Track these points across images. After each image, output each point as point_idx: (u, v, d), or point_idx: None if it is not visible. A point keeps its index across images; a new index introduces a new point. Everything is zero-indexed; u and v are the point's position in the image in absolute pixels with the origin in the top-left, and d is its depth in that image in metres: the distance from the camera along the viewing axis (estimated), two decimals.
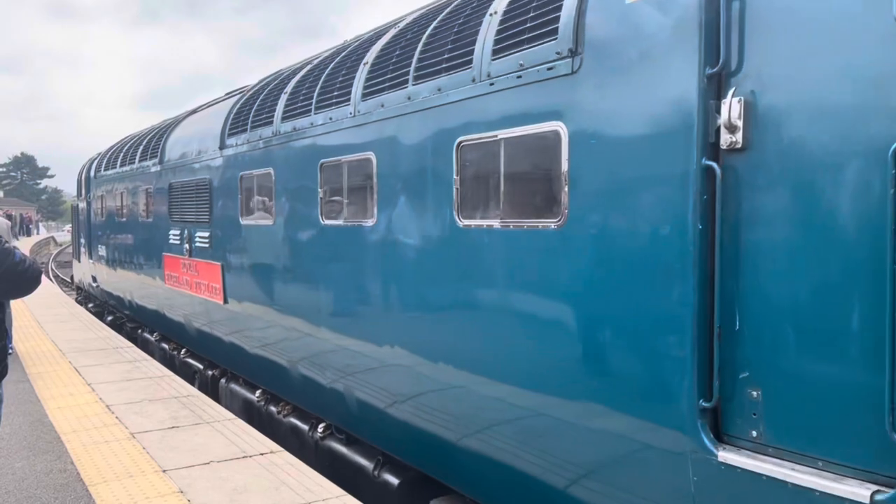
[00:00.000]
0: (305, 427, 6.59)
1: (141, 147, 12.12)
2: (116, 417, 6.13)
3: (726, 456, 2.75)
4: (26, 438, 5.60)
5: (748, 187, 2.75)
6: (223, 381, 8.69)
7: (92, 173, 16.54)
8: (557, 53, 3.47)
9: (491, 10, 4.07)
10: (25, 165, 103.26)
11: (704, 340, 2.84)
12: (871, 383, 2.37)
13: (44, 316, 12.17)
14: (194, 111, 10.61)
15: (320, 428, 6.35)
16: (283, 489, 4.46)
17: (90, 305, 16.90)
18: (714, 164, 2.79)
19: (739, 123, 2.74)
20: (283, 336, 6.56)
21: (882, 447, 2.33)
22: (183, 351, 10.27)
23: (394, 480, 5.27)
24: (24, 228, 54.03)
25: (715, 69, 2.80)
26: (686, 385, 2.86)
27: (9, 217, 40.40)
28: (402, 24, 5.37)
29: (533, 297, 3.67)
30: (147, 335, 12.16)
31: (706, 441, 2.81)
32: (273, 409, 7.24)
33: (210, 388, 8.90)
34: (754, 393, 2.75)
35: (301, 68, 6.95)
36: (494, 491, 4.13)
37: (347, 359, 5.50)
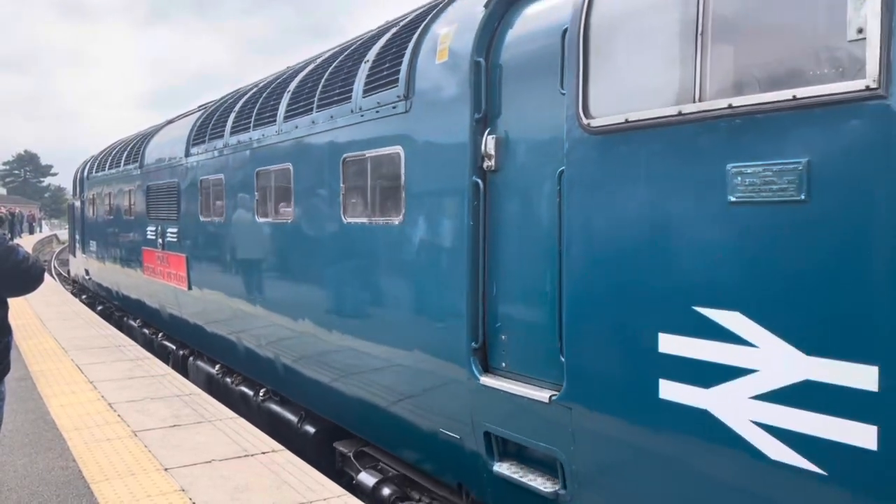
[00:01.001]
0: (251, 393, 7.84)
1: (125, 152, 13.42)
2: (118, 415, 6.14)
3: (485, 380, 4.00)
4: (28, 436, 5.61)
5: (500, 196, 3.99)
6: (191, 358, 9.95)
7: (85, 174, 17.89)
8: (398, 97, 4.72)
9: (366, 59, 5.32)
10: (29, 163, 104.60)
11: (475, 301, 4.08)
12: (554, 327, 3.61)
13: (46, 313, 12.25)
14: (170, 121, 11.89)
15: (262, 393, 7.61)
16: (285, 488, 4.47)
17: (84, 297, 18.21)
18: (479, 181, 4.03)
19: (493, 153, 3.97)
20: (231, 316, 7.82)
21: (558, 367, 3.58)
22: (160, 335, 11.53)
23: (311, 429, 6.51)
24: (28, 226, 54.49)
25: (479, 115, 4.04)
26: (463, 332, 4.11)
27: (11, 215, 41.48)
28: (317, 61, 6.63)
29: (387, 273, 4.92)
30: (131, 322, 13.44)
31: (475, 370, 4.06)
32: (228, 380, 8.50)
33: (181, 367, 10.16)
34: (503, 337, 4.00)
35: (248, 91, 8.22)
36: (362, 427, 5.40)
37: (275, 332, 6.76)
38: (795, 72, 2.57)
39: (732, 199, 2.73)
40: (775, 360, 2.61)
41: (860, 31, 2.34)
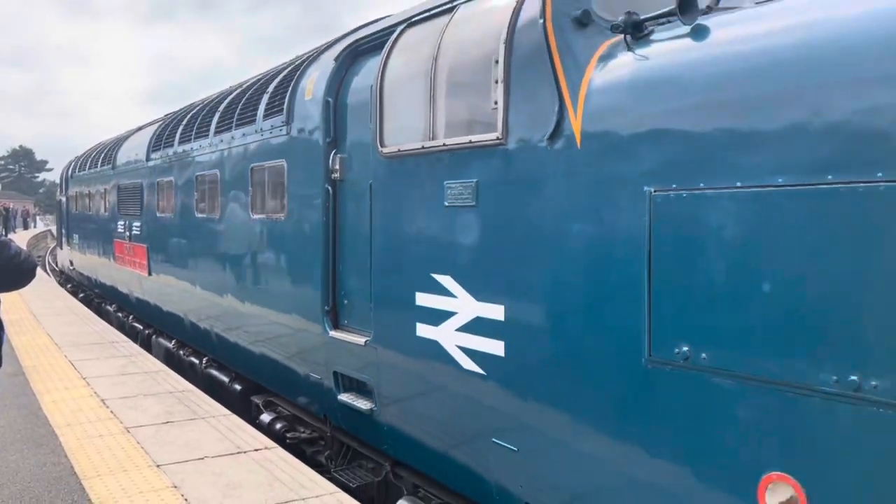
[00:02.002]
0: (197, 361, 9.35)
1: (102, 154, 14.93)
2: (111, 412, 6.17)
3: (333, 333, 5.50)
4: (20, 431, 5.62)
5: (343, 199, 5.49)
6: (153, 336, 11.45)
7: (69, 173, 19.44)
8: (282, 122, 6.22)
9: (266, 91, 6.84)
10: (23, 158, 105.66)
11: (326, 276, 5.58)
12: (365, 290, 5.11)
13: (39, 309, 12.35)
14: (140, 128, 13.38)
15: (204, 361, 9.11)
16: (277, 485, 4.52)
17: (69, 286, 19.71)
18: (330, 188, 5.53)
19: (338, 168, 5.47)
20: (179, 297, 9.32)
21: (370, 320, 5.09)
22: (131, 317, 13.04)
23: (238, 387, 8.01)
24: (23, 222, 54.92)
25: (330, 139, 5.54)
26: (319, 298, 5.62)
27: (5, 210, 42.52)
28: (240, 89, 8.13)
29: (277, 257, 6.43)
30: (108, 307, 14.95)
31: (327, 327, 5.56)
32: (181, 352, 10.00)
33: (147, 344, 11.66)
34: (346, 302, 5.51)
35: (195, 107, 9.72)
36: (268, 380, 6.92)
37: (208, 308, 8.26)
38: (472, 125, 4.08)
39: (446, 203, 4.24)
40: (464, 305, 4.12)
41: (495, 103, 3.85)
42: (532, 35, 3.65)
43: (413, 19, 4.81)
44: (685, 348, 2.92)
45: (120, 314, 13.85)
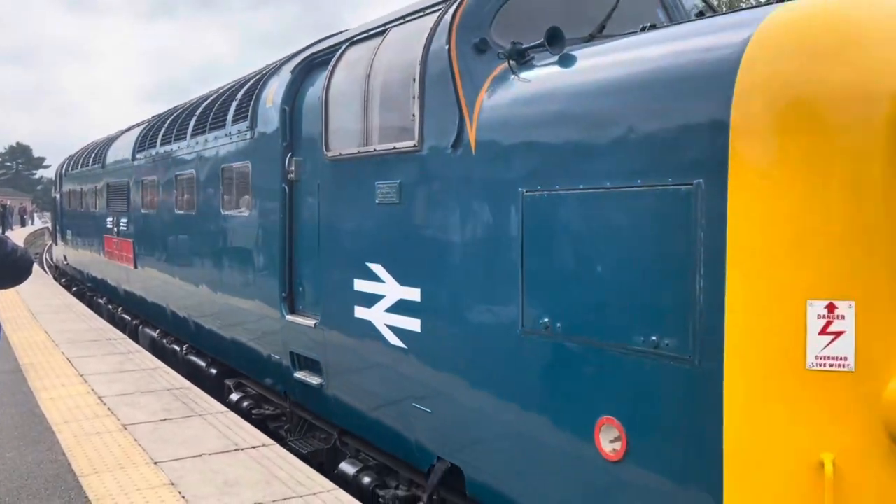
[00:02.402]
0: (179, 349, 10.00)
1: (94, 154, 15.56)
2: (108, 409, 6.19)
3: (289, 318, 6.15)
4: (18, 429, 5.62)
5: (298, 197, 6.13)
6: (140, 327, 12.10)
7: (63, 171, 20.07)
8: (247, 127, 6.87)
9: (235, 98, 7.48)
10: (21, 155, 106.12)
11: (283, 266, 6.23)
12: (315, 278, 5.76)
13: (37, 306, 12.45)
14: (128, 129, 14.01)
15: (184, 348, 9.76)
16: (275, 482, 4.54)
17: (63, 280, 20.37)
18: (286, 187, 6.18)
19: (294, 169, 6.12)
20: (162, 288, 9.97)
21: (319, 305, 5.73)
22: (120, 309, 13.68)
23: (213, 371, 8.65)
24: (20, 219, 54.78)
25: (286, 143, 6.19)
26: (277, 286, 6.26)
27: (3, 207, 42.95)
28: (217, 93, 8.77)
29: (243, 249, 7.08)
30: (99, 300, 15.60)
31: (284, 312, 6.21)
32: (164, 341, 10.65)
33: (135, 335, 12.30)
34: (300, 289, 6.16)
35: (177, 109, 10.36)
36: (238, 363, 7.57)
37: (187, 297, 8.91)
38: (396, 134, 4.73)
39: (377, 201, 4.89)
40: (391, 289, 4.77)
41: (413, 115, 4.50)
42: (440, 59, 4.30)
43: (354, 38, 5.46)
44: (546, 320, 3.57)
45: (110, 306, 14.49)
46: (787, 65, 2.72)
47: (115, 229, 12.46)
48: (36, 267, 15.90)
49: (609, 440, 3.26)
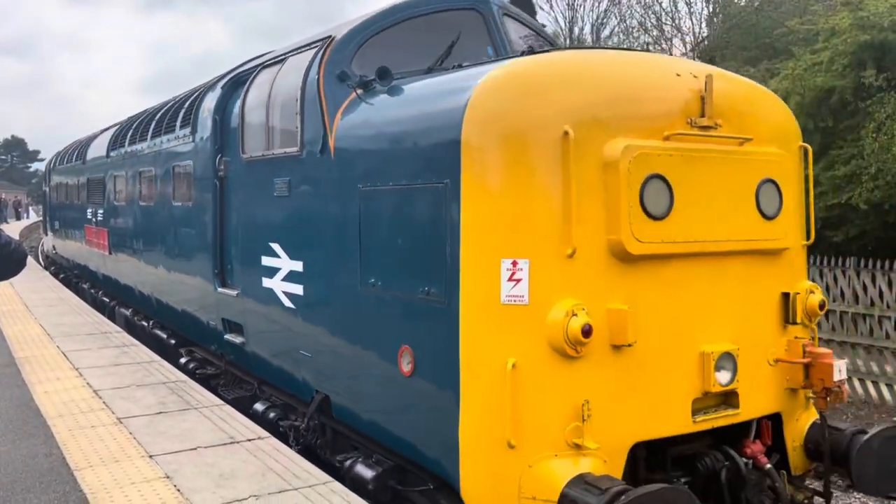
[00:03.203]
0: (147, 324, 11.36)
1: (77, 150, 16.91)
2: (103, 402, 6.18)
3: (220, 290, 7.51)
4: (12, 422, 5.63)
5: (226, 191, 7.49)
6: (116, 307, 13.46)
7: (52, 166, 21.45)
8: (190, 131, 8.22)
9: (183, 106, 8.82)
10: (15, 148, 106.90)
11: (216, 247, 7.59)
12: (237, 256, 7.12)
13: (32, 299, 12.51)
14: (106, 129, 15.35)
15: (150, 323, 11.13)
16: (270, 475, 4.56)
17: (52, 269, 21.74)
18: (217, 182, 7.53)
19: (222, 168, 7.47)
20: (131, 270, 11.33)
21: (239, 278, 7.10)
22: (100, 292, 15.05)
23: (172, 342, 10.01)
24: (14, 212, 55.29)
25: (217, 146, 7.54)
26: (211, 265, 7.63)
27: None
28: (172, 102, 10.12)
29: (188, 234, 8.44)
30: (83, 285, 16.97)
31: (216, 285, 7.58)
32: (135, 318, 12.02)
33: (112, 315, 13.66)
34: (229, 266, 7.52)
35: (144, 113, 11.71)
36: (188, 332, 8.93)
37: (149, 277, 10.27)
38: (287, 141, 6.09)
39: (275, 194, 6.25)
40: (285, 263, 6.14)
41: (296, 127, 5.87)
42: (313, 86, 5.66)
43: (265, 63, 6.82)
44: (373, 280, 4.94)
45: (92, 290, 15.87)
46: (493, 105, 4.09)
47: (94, 219, 13.82)
48: (30, 260, 17.05)
49: (406, 362, 4.63)
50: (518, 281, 3.98)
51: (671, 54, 26.18)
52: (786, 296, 4.77)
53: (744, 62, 18.59)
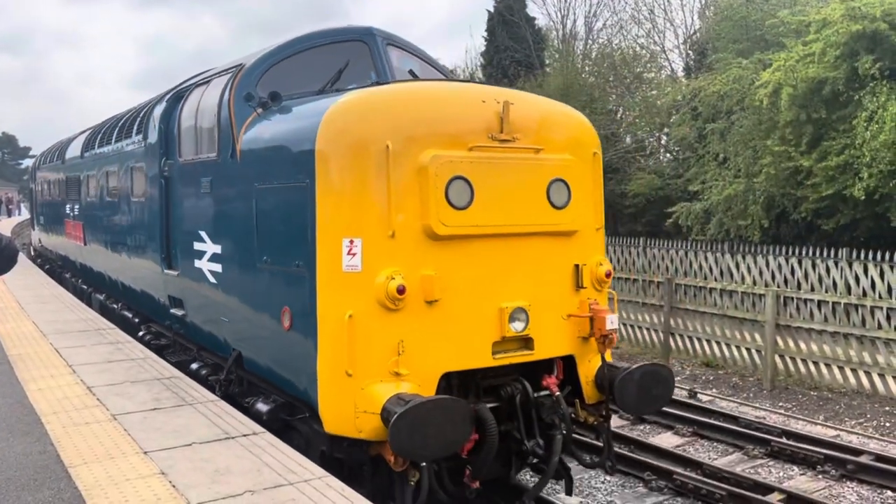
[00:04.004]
0: (116, 307, 12.78)
1: (58, 151, 18.31)
2: (98, 399, 6.18)
3: (167, 272, 8.94)
4: (5, 420, 5.63)
5: (170, 188, 8.91)
6: (92, 293, 14.88)
7: (37, 165, 22.85)
8: (143, 137, 9.64)
9: (139, 116, 10.24)
10: (7, 145, 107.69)
11: (163, 236, 9.01)
12: (178, 242, 8.56)
13: (24, 297, 12.57)
14: (82, 132, 16.75)
15: (119, 305, 12.55)
16: (265, 470, 4.58)
17: (38, 261, 23.15)
18: (163, 181, 8.94)
19: (167, 169, 8.89)
20: (102, 259, 12.75)
21: (179, 261, 8.53)
22: (79, 280, 16.47)
23: (136, 320, 11.44)
24: (6, 209, 55.62)
25: (163, 151, 8.96)
26: (159, 251, 9.06)
27: None
28: (133, 111, 11.53)
29: (143, 225, 9.87)
30: (65, 275, 18.38)
31: (163, 267, 9.00)
32: (108, 302, 13.44)
33: (89, 301, 15.08)
34: (174, 251, 8.95)
35: (113, 119, 13.12)
36: (145, 309, 10.36)
37: (115, 264, 11.70)
38: (210, 147, 7.52)
39: (202, 191, 7.68)
40: (210, 247, 7.57)
41: (215, 137, 7.29)
42: (226, 104, 7.09)
43: (197, 83, 8.25)
44: (265, 257, 6.38)
45: (73, 279, 17.29)
46: (338, 125, 5.53)
47: (72, 214, 15.23)
48: (22, 257, 18.14)
49: (286, 319, 6.08)
50: (354, 255, 5.44)
51: (663, 47, 27.55)
52: (577, 267, 6.24)
53: (736, 54, 18.94)
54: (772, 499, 7.60)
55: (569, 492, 6.99)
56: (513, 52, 28.43)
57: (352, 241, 5.46)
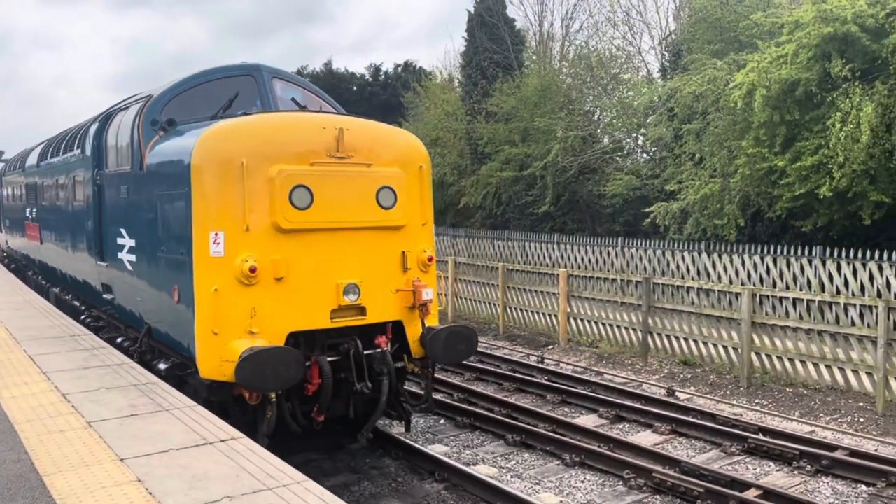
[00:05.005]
0: (68, 297, 14.51)
1: (20, 160, 20.02)
2: (73, 406, 6.13)
3: (99, 263, 10.73)
4: None
5: (101, 194, 10.70)
6: (49, 287, 16.58)
7: (4, 171, 24.52)
8: (80, 151, 11.42)
9: (80, 133, 12.02)
10: None
11: (97, 232, 10.79)
12: (106, 238, 10.37)
13: None
14: (41, 143, 18.46)
15: (70, 296, 14.29)
16: (244, 475, 4.56)
17: (6, 261, 24.80)
18: (97, 187, 10.72)
19: (99, 178, 10.68)
20: (54, 256, 14.48)
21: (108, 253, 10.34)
22: (39, 277, 18.14)
23: (82, 307, 13.19)
24: None
25: (96, 164, 10.74)
26: (94, 245, 10.85)
27: None
28: (76, 128, 13.30)
29: (82, 225, 11.64)
30: (29, 273, 20.05)
31: (97, 259, 10.79)
32: (62, 294, 15.17)
33: (46, 294, 16.76)
34: (105, 245, 10.75)
35: (60, 135, 14.88)
36: (87, 297, 12.13)
37: (63, 259, 13.44)
38: (127, 160, 9.34)
39: (122, 196, 9.49)
40: (127, 241, 9.39)
41: (130, 152, 9.13)
42: (136, 127, 8.91)
43: (121, 107, 10.06)
44: (163, 248, 8.21)
45: (35, 276, 18.99)
46: (208, 145, 7.38)
47: (31, 217, 16.97)
48: None
49: (176, 295, 7.91)
50: (218, 244, 7.30)
51: (639, 49, 27.99)
52: (404, 253, 8.14)
53: (711, 55, 19.08)
54: (749, 495, 7.66)
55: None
56: (492, 54, 28.46)
57: (217, 234, 7.32)
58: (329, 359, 7.69)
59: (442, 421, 10.62)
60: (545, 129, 24.21)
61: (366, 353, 7.84)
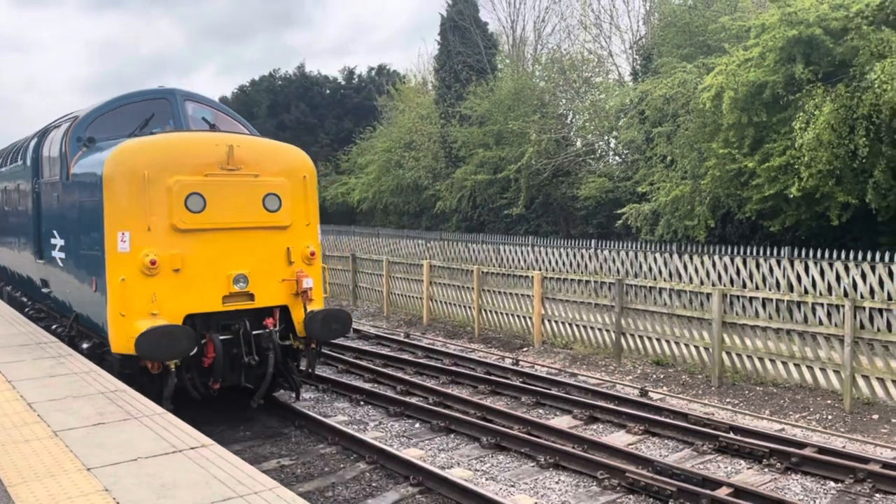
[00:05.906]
0: (18, 294, 15.22)
1: None
2: (38, 415, 6.06)
3: (38, 261, 11.89)
4: None
5: (40, 200, 11.82)
6: (4, 287, 17.34)
7: None
8: (24, 162, 12.60)
9: (24, 147, 13.12)
10: None
11: (37, 234, 11.76)
12: (35, 239, 11.04)
13: None
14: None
15: (20, 293, 15.06)
16: (214, 483, 4.51)
17: None
18: (38, 194, 11.73)
19: (38, 186, 11.78)
20: (8, 257, 15.77)
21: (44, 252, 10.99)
22: None
23: (30, 302, 13.87)
24: None
25: (35, 172, 11.71)
26: (34, 245, 11.82)
27: None
28: (24, 140, 14.08)
29: (27, 227, 12.79)
30: None
31: (37, 258, 11.80)
32: (13, 292, 15.90)
33: (2, 295, 17.41)
34: (43, 246, 11.46)
35: (12, 144, 15.84)
36: (31, 293, 13.02)
37: (15, 260, 14.56)
38: (58, 171, 10.13)
39: (54, 202, 10.52)
40: (59, 241, 10.09)
41: (60, 164, 9.78)
42: (64, 143, 9.99)
43: (56, 124, 11.40)
44: (84, 246, 9.17)
45: None
46: (118, 160, 8.86)
47: None
48: None
49: (95, 285, 8.90)
50: (125, 242, 8.67)
51: (611, 52, 28.31)
52: (288, 249, 9.49)
53: (680, 59, 19.29)
54: (720, 493, 7.63)
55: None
56: (465, 57, 28.62)
57: (123, 233, 8.62)
58: (222, 337, 9.07)
59: (417, 425, 10.61)
60: (519, 132, 24.46)
61: (255, 332, 9.18)
